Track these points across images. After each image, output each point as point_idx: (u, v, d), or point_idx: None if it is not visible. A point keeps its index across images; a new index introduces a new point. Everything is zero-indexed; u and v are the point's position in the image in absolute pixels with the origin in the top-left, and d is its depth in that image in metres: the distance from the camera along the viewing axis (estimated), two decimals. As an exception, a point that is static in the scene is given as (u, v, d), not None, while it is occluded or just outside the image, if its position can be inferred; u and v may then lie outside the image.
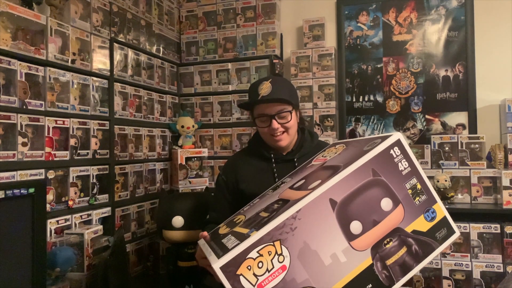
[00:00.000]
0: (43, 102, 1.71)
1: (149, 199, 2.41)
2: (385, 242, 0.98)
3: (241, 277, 0.85)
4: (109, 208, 2.06)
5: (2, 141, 1.53)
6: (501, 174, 2.13)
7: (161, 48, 2.65)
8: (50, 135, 1.74)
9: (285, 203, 0.98)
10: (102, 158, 2.05)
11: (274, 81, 1.44)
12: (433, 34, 2.58)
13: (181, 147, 2.62)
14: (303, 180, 1.11)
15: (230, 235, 1.01)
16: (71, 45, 1.86)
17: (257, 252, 0.87)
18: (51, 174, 1.75)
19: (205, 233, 1.18)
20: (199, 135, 2.78)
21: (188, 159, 2.57)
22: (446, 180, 2.21)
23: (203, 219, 1.99)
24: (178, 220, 1.94)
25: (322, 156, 1.27)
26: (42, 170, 1.70)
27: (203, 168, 2.64)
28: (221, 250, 0.93)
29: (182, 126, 2.60)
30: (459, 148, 2.33)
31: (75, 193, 1.87)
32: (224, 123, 2.73)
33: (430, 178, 2.29)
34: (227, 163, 1.64)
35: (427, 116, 2.59)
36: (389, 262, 0.98)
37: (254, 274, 0.86)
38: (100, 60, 2.06)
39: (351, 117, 2.73)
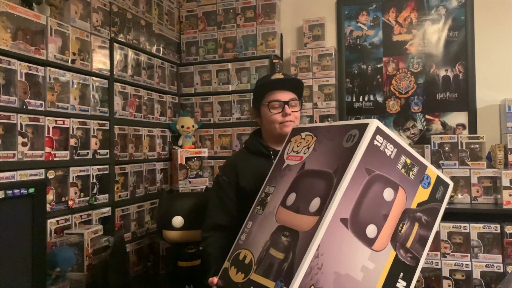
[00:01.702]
0: (43, 102, 1.71)
1: (149, 199, 2.41)
2: (399, 228, 1.02)
3: None
4: (109, 208, 2.06)
5: (2, 141, 1.53)
6: (501, 174, 2.13)
7: (161, 48, 2.65)
8: (50, 135, 1.74)
9: (295, 237, 0.96)
10: (102, 158, 2.05)
11: (284, 73, 1.53)
12: (433, 34, 2.58)
13: (181, 147, 2.62)
14: (294, 194, 1.08)
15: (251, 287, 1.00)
16: (71, 45, 1.86)
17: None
18: (51, 174, 1.75)
19: (215, 280, 1.19)
20: (199, 135, 2.78)
21: (188, 159, 2.57)
22: (446, 180, 2.21)
23: (203, 219, 2.00)
24: (178, 220, 1.94)
25: (294, 152, 1.21)
26: (42, 170, 1.70)
27: (203, 168, 2.64)
28: None
29: (182, 126, 2.60)
30: (459, 148, 2.33)
31: (75, 193, 1.87)
32: (224, 123, 2.73)
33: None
34: (225, 164, 1.65)
35: (427, 116, 2.59)
36: (408, 244, 1.02)
37: None
38: (100, 60, 2.06)
39: (351, 117, 2.73)
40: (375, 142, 1.01)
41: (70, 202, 1.83)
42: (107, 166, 2.07)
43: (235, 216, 1.52)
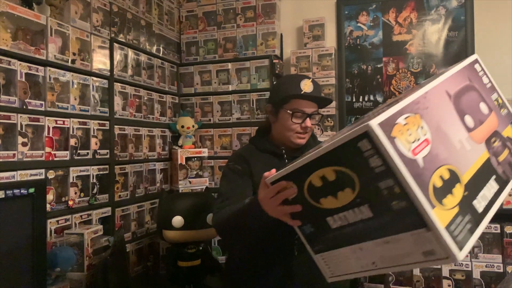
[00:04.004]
0: (43, 102, 1.71)
1: (149, 199, 2.41)
2: (492, 140, 0.99)
3: (395, 139, 0.76)
4: (109, 208, 2.06)
5: (2, 141, 1.53)
6: (501, 174, 2.13)
7: (161, 48, 2.65)
8: (50, 135, 1.74)
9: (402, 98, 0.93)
10: (102, 158, 2.05)
11: (313, 81, 1.46)
12: (433, 34, 2.58)
13: (181, 147, 2.62)
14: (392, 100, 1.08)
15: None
16: (71, 45, 1.86)
17: (405, 119, 0.79)
18: (51, 174, 1.75)
19: (268, 173, 1.09)
20: (199, 135, 2.78)
21: (188, 159, 2.57)
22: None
23: (203, 219, 2.00)
24: (178, 220, 1.95)
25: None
26: (42, 170, 1.70)
27: (203, 168, 2.65)
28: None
29: (182, 126, 2.60)
30: (459, 148, 2.33)
31: (75, 193, 1.87)
32: (224, 123, 2.73)
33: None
34: (236, 155, 1.55)
35: (427, 116, 2.59)
36: (500, 159, 0.98)
37: (406, 140, 0.78)
38: (100, 60, 2.06)
39: (351, 117, 2.73)
40: (475, 66, 1.06)
41: (70, 202, 1.83)
42: (107, 166, 2.07)
43: None
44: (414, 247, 0.78)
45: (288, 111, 1.43)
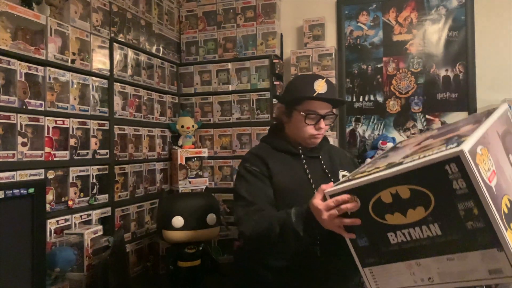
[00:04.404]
0: (43, 102, 1.70)
1: (149, 199, 2.41)
2: None
3: (479, 166, 0.82)
4: (109, 208, 2.06)
5: (2, 141, 1.53)
6: (501, 174, 2.13)
7: (161, 48, 2.65)
8: (50, 135, 1.74)
9: (452, 135, 0.97)
10: (102, 158, 2.04)
11: (327, 81, 1.42)
12: (433, 34, 2.58)
13: (181, 147, 2.62)
14: (436, 132, 1.12)
15: (407, 156, 0.95)
16: (71, 45, 1.86)
17: (480, 150, 0.85)
18: (51, 174, 1.74)
19: (326, 185, 1.08)
20: (199, 135, 2.77)
21: (188, 159, 2.56)
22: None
23: (203, 219, 2.00)
24: (178, 220, 1.94)
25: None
26: (42, 170, 1.70)
27: (203, 168, 2.64)
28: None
29: (182, 126, 2.60)
30: (459, 148, 2.33)
31: (75, 193, 1.87)
32: (224, 123, 2.73)
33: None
34: (253, 155, 1.49)
35: (427, 116, 2.59)
36: None
37: (484, 168, 0.84)
38: (100, 60, 2.06)
39: (351, 117, 2.73)
40: (508, 113, 1.09)
41: (70, 202, 1.83)
42: (107, 166, 2.07)
43: (274, 205, 1.37)
44: (481, 264, 0.83)
45: (301, 112, 1.40)
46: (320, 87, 1.40)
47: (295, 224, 1.17)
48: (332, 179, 1.42)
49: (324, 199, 1.06)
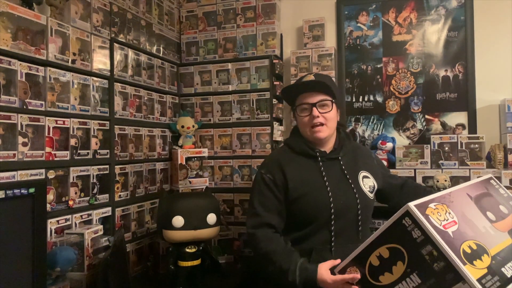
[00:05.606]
0: (43, 102, 1.71)
1: (149, 199, 2.41)
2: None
3: (429, 216, 1.02)
4: (109, 208, 2.06)
5: (2, 141, 1.53)
6: (500, 174, 2.14)
7: (161, 48, 2.65)
8: (50, 135, 1.74)
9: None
10: (102, 158, 2.05)
11: (317, 74, 1.52)
12: (433, 34, 2.58)
13: (181, 147, 2.62)
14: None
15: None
16: (71, 45, 1.87)
17: (434, 205, 1.06)
18: (51, 174, 1.75)
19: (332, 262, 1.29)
20: (199, 135, 2.78)
21: (188, 159, 2.57)
22: (446, 180, 2.21)
23: (203, 219, 2.00)
24: (178, 220, 1.95)
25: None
26: (42, 170, 1.70)
27: (203, 168, 2.65)
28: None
29: (182, 126, 2.60)
30: (459, 148, 2.33)
31: (75, 193, 1.88)
32: (224, 123, 2.73)
33: (429, 178, 2.29)
34: (268, 162, 1.57)
35: (426, 116, 2.60)
36: None
37: (437, 217, 1.02)
38: (100, 60, 2.06)
39: (351, 117, 2.73)
40: (491, 181, 1.30)
41: (70, 202, 1.83)
42: (107, 166, 2.07)
43: (284, 217, 1.47)
44: None
45: (296, 108, 1.51)
46: (305, 80, 1.50)
47: (298, 279, 1.33)
48: (350, 181, 1.45)
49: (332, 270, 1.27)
